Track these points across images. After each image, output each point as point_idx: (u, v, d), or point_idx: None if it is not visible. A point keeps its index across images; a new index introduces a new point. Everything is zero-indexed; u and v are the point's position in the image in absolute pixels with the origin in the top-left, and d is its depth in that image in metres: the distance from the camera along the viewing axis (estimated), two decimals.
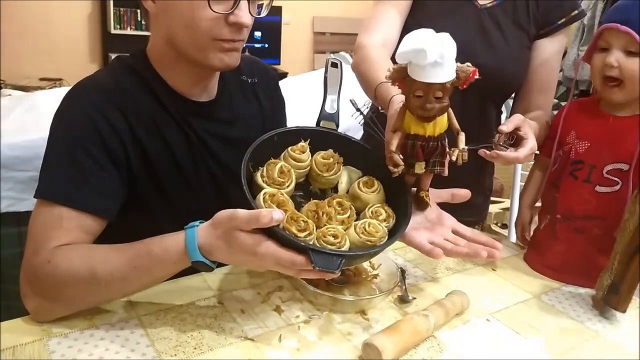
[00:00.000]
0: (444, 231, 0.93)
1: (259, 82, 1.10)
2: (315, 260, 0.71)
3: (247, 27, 0.89)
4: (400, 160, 0.84)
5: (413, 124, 0.85)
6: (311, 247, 0.74)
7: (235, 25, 0.87)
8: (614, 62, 0.98)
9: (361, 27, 1.25)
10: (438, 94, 0.80)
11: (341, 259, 0.74)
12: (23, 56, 4.27)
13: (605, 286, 0.93)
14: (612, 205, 1.01)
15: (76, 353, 0.76)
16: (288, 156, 0.90)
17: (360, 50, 1.19)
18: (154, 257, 0.78)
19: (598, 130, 1.05)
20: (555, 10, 1.25)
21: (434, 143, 0.85)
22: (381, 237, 0.84)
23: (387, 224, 0.88)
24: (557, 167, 1.11)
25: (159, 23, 0.91)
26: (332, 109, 0.99)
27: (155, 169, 0.93)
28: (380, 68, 1.07)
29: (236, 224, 0.73)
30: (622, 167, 1.01)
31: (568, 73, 3.99)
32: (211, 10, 0.84)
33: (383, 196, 0.93)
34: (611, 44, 0.99)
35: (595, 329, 0.94)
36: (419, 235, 0.89)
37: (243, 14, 0.87)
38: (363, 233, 0.83)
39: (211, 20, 0.85)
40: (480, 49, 1.22)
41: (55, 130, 0.88)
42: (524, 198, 1.22)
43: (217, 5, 0.85)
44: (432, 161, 0.86)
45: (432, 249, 0.86)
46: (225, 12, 0.85)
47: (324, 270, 0.72)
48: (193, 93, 0.97)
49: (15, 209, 1.84)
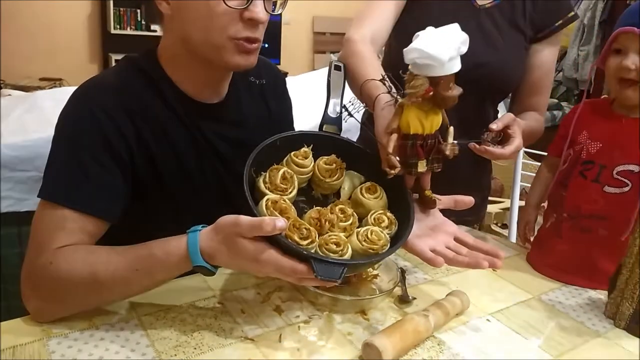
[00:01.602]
0: (446, 238, 0.92)
1: (267, 83, 1.09)
2: (317, 269, 0.71)
3: (262, 24, 0.88)
4: (397, 162, 0.84)
5: (412, 122, 0.84)
6: (313, 255, 0.74)
7: (250, 21, 0.86)
8: (631, 65, 0.98)
9: (353, 20, 1.24)
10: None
11: (343, 267, 0.74)
12: (23, 56, 4.27)
13: (628, 316, 0.92)
14: (620, 206, 1.02)
15: (76, 353, 0.76)
16: (291, 161, 0.90)
17: (349, 45, 1.17)
18: (156, 260, 0.78)
19: (610, 131, 1.06)
20: (552, 13, 1.27)
21: (431, 140, 0.86)
22: (383, 245, 0.83)
23: (389, 230, 0.88)
24: (566, 166, 1.11)
25: (174, 24, 0.90)
26: (335, 112, 0.98)
27: (161, 171, 0.92)
28: (368, 64, 1.06)
29: (239, 230, 0.73)
30: (633, 168, 1.01)
31: (568, 73, 3.98)
32: (226, 6, 0.83)
33: (385, 202, 0.93)
34: (627, 47, 1.00)
35: (596, 329, 0.94)
36: (420, 243, 0.89)
37: (258, 9, 0.86)
38: (365, 241, 0.82)
39: (226, 16, 0.84)
40: (480, 48, 1.23)
41: (61, 130, 0.88)
42: (531, 197, 1.22)
43: (232, 1, 0.84)
44: (430, 158, 0.87)
45: (434, 257, 0.86)
46: (240, 7, 0.85)
47: (326, 279, 0.72)
48: (203, 95, 0.96)
49: (16, 209, 1.84)
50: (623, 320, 0.93)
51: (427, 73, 0.81)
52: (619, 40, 1.01)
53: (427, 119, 0.84)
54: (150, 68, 0.94)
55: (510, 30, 1.26)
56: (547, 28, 1.27)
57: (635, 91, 1.00)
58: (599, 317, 0.97)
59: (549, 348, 0.87)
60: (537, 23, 1.27)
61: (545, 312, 0.97)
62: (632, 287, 0.92)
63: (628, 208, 0.98)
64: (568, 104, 4.09)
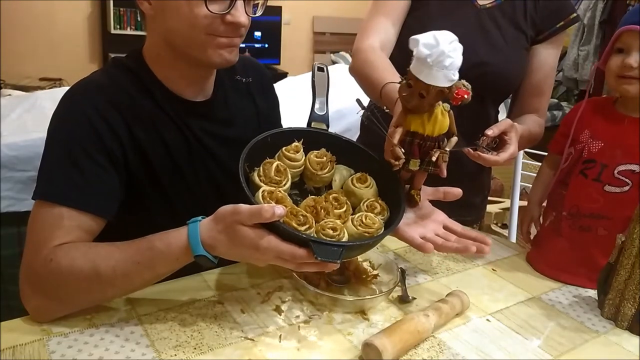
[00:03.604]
0: (435, 227, 0.95)
1: (254, 81, 1.11)
2: (317, 251, 0.73)
3: (243, 27, 0.89)
4: (402, 154, 0.87)
5: (413, 121, 0.87)
6: (312, 238, 0.76)
7: (232, 24, 0.88)
8: (634, 63, 0.99)
9: (358, 33, 1.27)
10: (421, 93, 0.84)
11: (342, 248, 0.76)
12: (23, 56, 4.27)
13: (630, 316, 0.93)
14: (620, 205, 1.02)
15: (76, 353, 0.76)
16: (283, 156, 0.92)
17: (359, 54, 1.21)
18: (157, 252, 0.79)
19: (612, 130, 1.06)
20: (553, 14, 1.26)
21: (431, 143, 0.88)
22: (378, 229, 0.86)
23: (382, 216, 0.90)
24: (567, 164, 1.11)
25: (156, 24, 0.92)
26: (321, 110, 1.02)
27: (153, 168, 0.93)
28: (383, 70, 1.09)
29: (239, 218, 0.74)
30: (634, 168, 1.01)
31: (568, 73, 3.98)
32: (207, 10, 0.85)
33: (376, 190, 0.95)
34: (630, 45, 1.00)
35: (596, 329, 0.94)
36: (410, 230, 0.92)
37: (239, 13, 0.87)
38: (360, 225, 0.85)
39: (207, 19, 0.86)
40: (481, 48, 1.23)
41: (53, 131, 0.89)
42: (534, 195, 1.22)
43: (214, 4, 0.85)
44: (427, 160, 0.89)
45: (423, 243, 0.89)
46: (221, 12, 0.86)
47: (326, 260, 0.73)
48: (189, 93, 0.97)
49: (15, 209, 1.84)
50: (625, 320, 0.93)
51: (420, 76, 0.83)
52: (621, 39, 1.02)
53: (430, 121, 0.86)
54: (137, 67, 0.95)
55: (511, 30, 1.26)
56: (548, 29, 1.27)
57: (633, 85, 1.00)
58: (598, 317, 0.97)
59: (549, 348, 0.87)
60: (539, 24, 1.27)
61: (545, 312, 0.97)
62: (634, 288, 0.92)
63: (628, 207, 0.98)
64: (568, 104, 4.09)
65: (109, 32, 4.52)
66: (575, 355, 0.86)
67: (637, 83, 1.00)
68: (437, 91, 0.83)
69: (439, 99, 0.85)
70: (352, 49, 1.25)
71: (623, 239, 0.93)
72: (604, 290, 0.97)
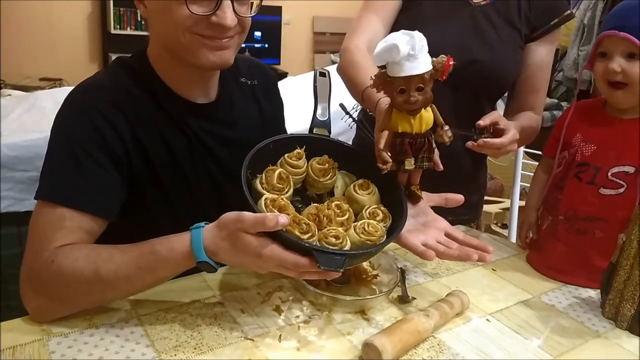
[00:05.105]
0: (437, 234, 0.95)
1: (259, 84, 1.10)
2: (319, 260, 0.73)
3: (230, 28, 0.87)
4: (388, 157, 0.88)
5: (400, 122, 0.88)
6: (315, 247, 0.76)
7: (217, 26, 0.86)
8: (616, 68, 0.99)
9: (347, 31, 1.26)
10: (419, 86, 0.85)
11: (344, 257, 0.76)
12: (23, 56, 4.27)
13: (629, 317, 0.93)
14: (616, 207, 1.02)
15: (76, 353, 0.76)
16: (285, 163, 0.92)
17: (346, 54, 1.21)
18: (159, 256, 0.79)
19: (604, 133, 1.06)
20: (547, 12, 1.27)
21: (421, 139, 0.89)
22: (380, 237, 0.86)
23: (384, 223, 0.90)
24: (561, 169, 1.11)
25: (152, 26, 0.92)
26: (323, 116, 1.01)
27: (155, 169, 0.93)
28: (367, 72, 1.08)
29: (242, 226, 0.74)
30: (628, 169, 1.01)
31: (568, 73, 3.98)
32: (189, 12, 0.83)
33: (378, 197, 0.95)
34: (611, 50, 1.00)
35: (596, 329, 0.94)
36: (412, 237, 0.91)
37: (226, 15, 0.85)
38: (363, 233, 0.85)
39: (191, 20, 0.84)
40: (476, 46, 1.23)
41: (56, 131, 0.88)
42: (530, 199, 1.22)
43: (199, 6, 0.84)
44: (420, 157, 0.90)
45: (425, 250, 0.88)
46: (205, 13, 0.85)
47: (329, 269, 0.73)
48: (192, 95, 0.97)
49: (15, 209, 1.85)
50: (625, 321, 0.93)
51: (396, 73, 0.85)
52: (603, 44, 1.02)
53: (415, 118, 0.87)
54: (141, 68, 0.95)
55: (506, 28, 1.26)
56: (542, 27, 1.27)
57: (625, 94, 1.00)
58: (598, 317, 0.97)
59: (549, 348, 0.87)
60: (533, 21, 1.27)
61: (545, 312, 0.97)
62: (632, 289, 0.92)
63: (624, 209, 0.98)
64: (568, 104, 4.08)
65: (109, 32, 4.52)
66: (575, 355, 0.86)
67: (626, 91, 1.00)
68: (430, 75, 0.84)
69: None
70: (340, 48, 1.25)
71: (624, 238, 0.93)
72: (606, 290, 0.97)
